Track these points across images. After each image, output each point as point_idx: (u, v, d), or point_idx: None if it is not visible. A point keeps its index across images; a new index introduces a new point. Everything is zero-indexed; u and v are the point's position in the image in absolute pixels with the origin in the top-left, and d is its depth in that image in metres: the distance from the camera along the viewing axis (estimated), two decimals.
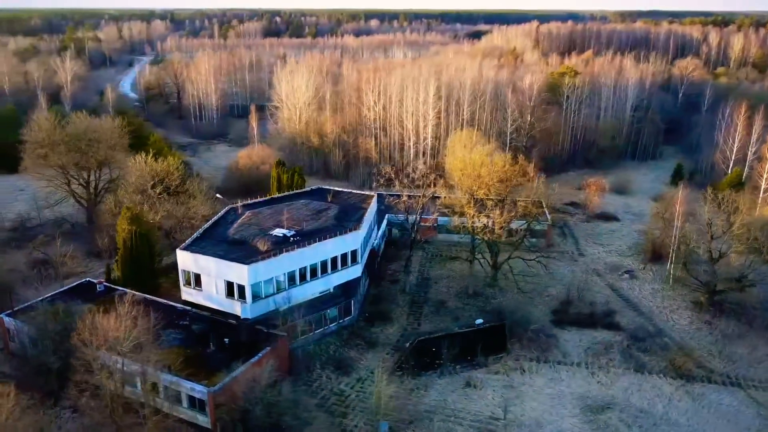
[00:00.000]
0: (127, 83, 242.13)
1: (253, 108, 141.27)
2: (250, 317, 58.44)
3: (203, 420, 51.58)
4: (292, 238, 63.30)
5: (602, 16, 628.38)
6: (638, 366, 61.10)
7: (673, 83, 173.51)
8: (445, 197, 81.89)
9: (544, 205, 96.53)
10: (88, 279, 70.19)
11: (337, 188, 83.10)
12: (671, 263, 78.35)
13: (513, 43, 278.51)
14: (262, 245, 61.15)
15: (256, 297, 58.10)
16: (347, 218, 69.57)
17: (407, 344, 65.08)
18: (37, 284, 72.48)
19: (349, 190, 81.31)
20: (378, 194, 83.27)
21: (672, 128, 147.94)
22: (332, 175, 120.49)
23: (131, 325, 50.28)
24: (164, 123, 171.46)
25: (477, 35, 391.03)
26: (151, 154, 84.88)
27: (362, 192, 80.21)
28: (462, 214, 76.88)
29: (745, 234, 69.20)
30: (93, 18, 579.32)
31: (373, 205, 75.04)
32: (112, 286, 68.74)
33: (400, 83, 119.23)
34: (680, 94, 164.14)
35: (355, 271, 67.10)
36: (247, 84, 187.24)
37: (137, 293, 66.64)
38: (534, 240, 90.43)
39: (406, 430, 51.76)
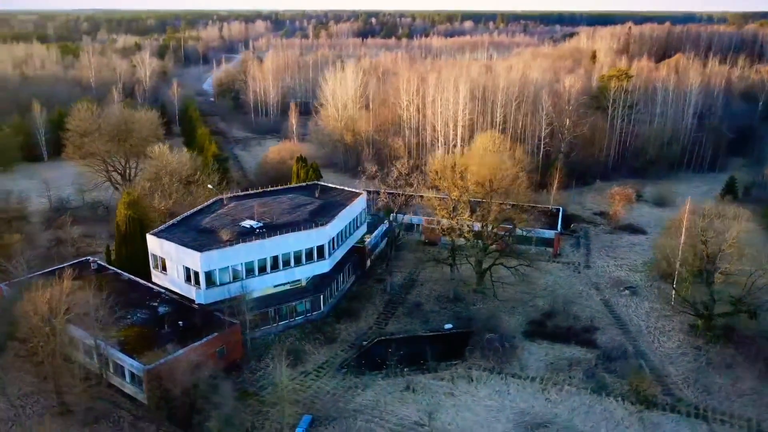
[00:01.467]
0: (211, 80, 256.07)
1: (293, 105, 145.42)
2: (203, 302, 60.85)
3: (141, 396, 54.49)
4: (258, 230, 65.12)
5: (721, 18, 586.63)
6: (598, 387, 57.45)
7: (758, 90, 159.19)
8: (424, 198, 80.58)
9: (556, 213, 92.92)
10: (89, 258, 75.76)
11: (334, 185, 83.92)
12: (675, 282, 72.73)
13: (598, 46, 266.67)
14: (225, 235, 63.47)
15: (210, 283, 60.37)
16: (322, 214, 70.45)
17: (365, 342, 65.23)
18: (53, 260, 78.92)
19: (342, 188, 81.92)
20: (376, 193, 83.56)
21: (743, 138, 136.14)
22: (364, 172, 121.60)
23: (94, 300, 54.80)
24: (229, 117, 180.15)
25: (572, 37, 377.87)
26: (167, 146, 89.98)
27: (353, 190, 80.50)
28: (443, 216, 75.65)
29: (736, 254, 63.07)
30: (203, 18, 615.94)
31: (356, 204, 75.35)
32: (105, 265, 73.96)
33: (435, 84, 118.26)
34: (760, 102, 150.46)
35: (321, 267, 67.79)
36: (310, 82, 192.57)
37: (124, 273, 71.85)
38: (541, 248, 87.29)
39: (327, 425, 51.97)
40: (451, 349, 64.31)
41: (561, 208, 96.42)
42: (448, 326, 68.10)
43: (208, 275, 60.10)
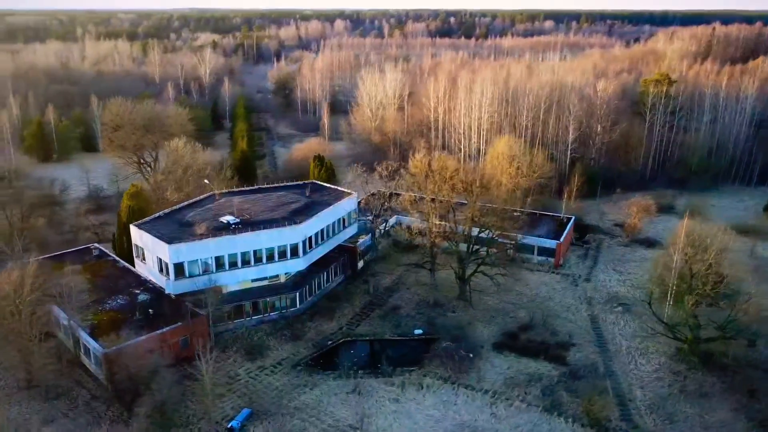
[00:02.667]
0: None
1: (326, 105, 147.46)
2: (172, 293, 63.49)
3: (102, 377, 57.74)
4: (233, 226, 67.16)
5: None
6: (552, 405, 55.20)
7: None
8: (403, 199, 79.72)
9: (566, 222, 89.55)
10: (94, 244, 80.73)
11: (328, 185, 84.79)
12: (669, 302, 68.44)
13: (674, 47, 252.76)
14: (199, 229, 65.89)
15: (179, 275, 62.91)
16: (304, 213, 71.58)
17: (329, 342, 65.80)
18: (66, 245, 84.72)
19: (335, 188, 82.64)
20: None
21: None
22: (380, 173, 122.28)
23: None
24: (280, 114, 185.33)
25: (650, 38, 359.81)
26: (182, 141, 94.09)
27: (345, 190, 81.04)
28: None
29: (712, 276, 58.55)
30: (287, 17, 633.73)
31: (343, 204, 75.84)
32: (107, 252, 78.56)
33: (462, 86, 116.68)
34: None
35: (295, 265, 68.96)
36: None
37: (121, 261, 76.07)
38: (542, 258, 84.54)
39: (263, 420, 52.99)
40: (415, 354, 63.78)
41: (573, 217, 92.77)
42: (418, 331, 67.46)
43: (177, 267, 62.67)
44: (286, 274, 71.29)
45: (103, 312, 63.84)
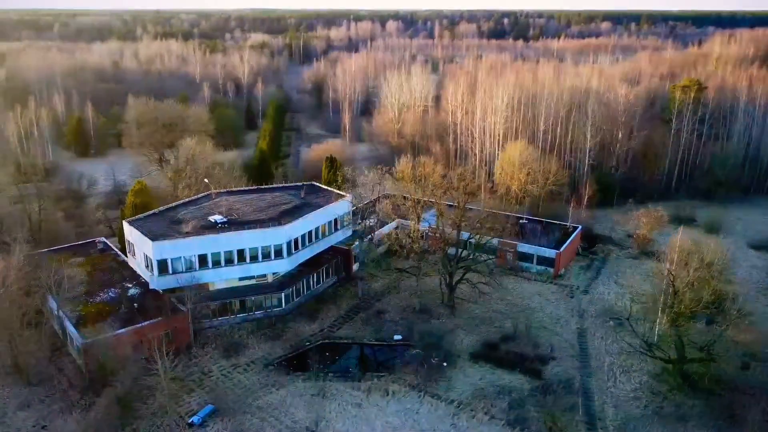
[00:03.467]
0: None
1: (347, 106, 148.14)
2: (156, 288, 65.47)
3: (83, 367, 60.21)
4: (220, 225, 68.66)
5: None
6: (516, 420, 53.89)
7: None
8: (385, 205, 79.13)
9: (571, 231, 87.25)
10: (99, 239, 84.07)
11: (326, 187, 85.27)
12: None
13: (729, 51, 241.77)
14: (186, 227, 67.68)
15: (163, 271, 64.77)
16: (293, 214, 72.42)
17: (307, 343, 66.36)
18: (82, 238, 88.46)
19: (331, 190, 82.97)
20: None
21: None
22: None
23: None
24: (312, 115, 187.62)
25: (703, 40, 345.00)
26: (195, 139, 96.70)
27: (340, 193, 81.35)
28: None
29: (695, 294, 55.75)
30: (342, 17, 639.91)
31: (335, 206, 76.15)
32: (111, 246, 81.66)
33: (479, 90, 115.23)
34: None
35: (279, 266, 69.82)
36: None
37: (121, 255, 78.92)
38: (541, 268, 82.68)
39: (225, 417, 53.97)
40: (390, 360, 63.65)
41: (580, 227, 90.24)
42: (397, 337, 67.19)
43: (161, 263, 64.51)
44: (274, 274, 72.32)
45: (92, 304, 66.47)
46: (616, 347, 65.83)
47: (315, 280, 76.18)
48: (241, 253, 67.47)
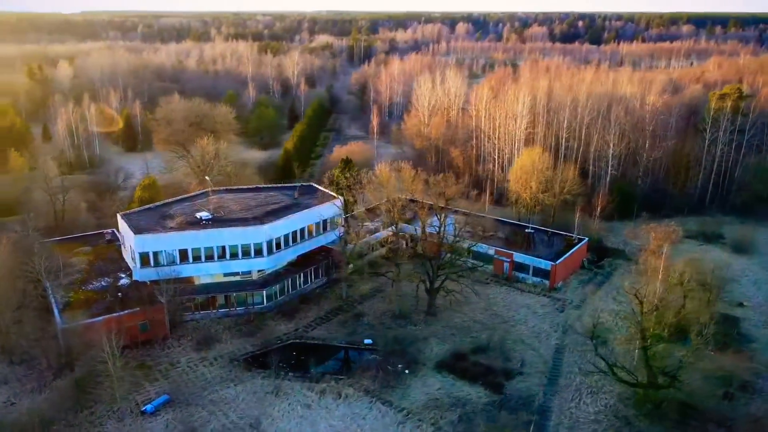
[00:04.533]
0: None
1: (375, 108, 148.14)
2: (138, 279, 68.31)
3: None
4: (204, 221, 70.81)
5: None
6: None
7: None
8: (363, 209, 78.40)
9: (576, 242, 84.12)
10: (108, 230, 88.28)
11: (321, 188, 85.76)
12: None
13: None
14: (171, 222, 70.21)
15: (145, 263, 67.51)
16: (279, 213, 73.62)
17: (278, 342, 67.26)
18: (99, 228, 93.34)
19: (326, 191, 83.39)
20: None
21: None
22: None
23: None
24: (355, 116, 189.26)
25: None
26: (209, 137, 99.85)
27: (333, 194, 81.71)
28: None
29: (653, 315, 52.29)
30: (413, 19, 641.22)
31: (320, 208, 76.62)
32: (118, 237, 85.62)
33: (502, 95, 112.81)
34: None
35: (259, 264, 71.15)
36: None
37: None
38: (537, 279, 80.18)
39: (176, 408, 55.65)
40: (354, 363, 63.64)
41: (586, 239, 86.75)
42: (367, 341, 66.96)
43: (143, 256, 67.31)
44: (259, 271, 73.74)
45: (83, 291, 70.15)
46: (591, 367, 62.81)
47: (302, 279, 77.01)
48: (221, 249, 69.25)
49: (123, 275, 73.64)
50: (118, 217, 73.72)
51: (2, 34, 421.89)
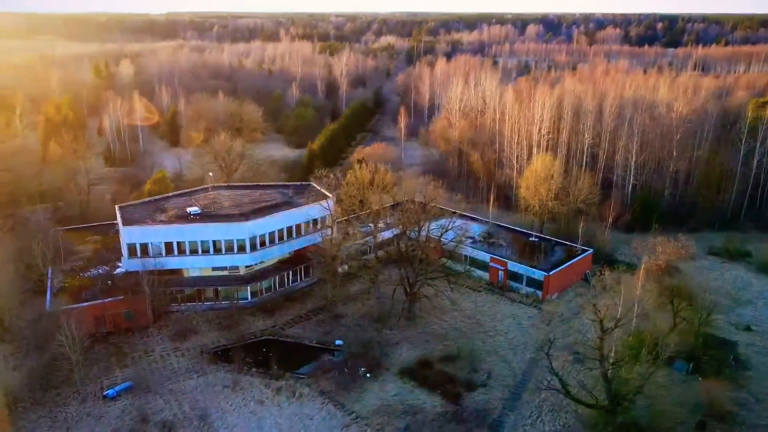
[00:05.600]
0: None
1: (402, 110, 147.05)
2: (126, 270, 71.18)
3: None
4: (192, 216, 72.96)
5: None
6: None
7: None
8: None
9: (578, 253, 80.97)
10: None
11: (320, 188, 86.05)
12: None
13: None
14: (162, 215, 72.72)
15: (132, 254, 70.31)
16: (264, 211, 74.75)
17: (252, 337, 68.30)
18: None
19: (323, 191, 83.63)
20: None
21: None
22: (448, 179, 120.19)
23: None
24: (394, 117, 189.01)
25: None
26: (227, 134, 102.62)
27: (327, 194, 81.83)
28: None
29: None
30: (482, 21, 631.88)
31: (309, 208, 77.01)
32: None
33: (524, 99, 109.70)
34: None
35: (242, 260, 72.45)
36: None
37: None
38: (530, 289, 77.65)
39: (137, 394, 57.61)
40: (320, 364, 63.78)
41: (591, 250, 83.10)
42: (338, 342, 66.90)
43: (130, 247, 70.13)
44: (247, 266, 75.17)
45: (79, 277, 73.88)
46: (548, 383, 60.14)
47: (290, 277, 77.83)
48: (204, 244, 71.09)
49: (120, 264, 76.95)
50: (117, 208, 77.03)
51: (90, 34, 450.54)
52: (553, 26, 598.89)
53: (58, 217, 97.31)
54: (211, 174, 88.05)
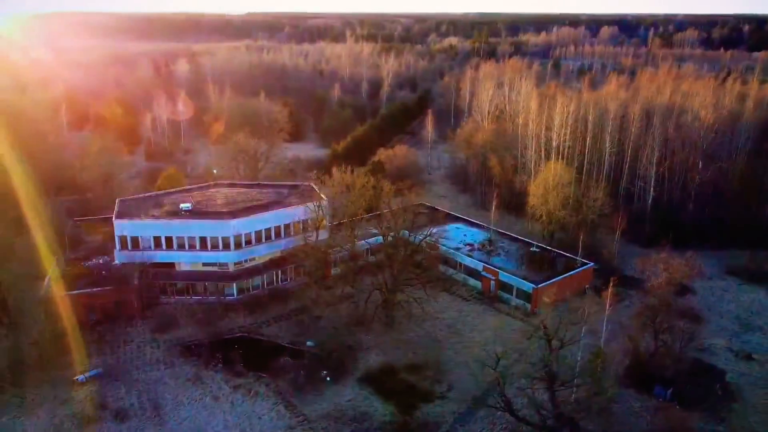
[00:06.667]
0: None
1: (429, 112, 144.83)
2: (117, 261, 74.09)
3: None
4: (183, 212, 75.08)
5: None
6: None
7: None
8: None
9: (577, 266, 77.93)
10: None
11: (317, 188, 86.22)
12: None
13: None
14: (154, 210, 75.22)
15: (122, 247, 73.15)
16: (253, 210, 75.89)
17: (228, 333, 69.44)
18: None
19: (319, 193, 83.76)
20: None
21: None
22: (468, 184, 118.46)
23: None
24: (437, 120, 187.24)
25: None
26: (243, 133, 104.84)
27: (323, 197, 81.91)
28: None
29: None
30: (558, 22, 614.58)
31: (296, 209, 77.41)
32: None
33: (546, 104, 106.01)
34: None
35: (225, 257, 73.81)
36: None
37: None
38: (520, 301, 75.18)
39: (104, 381, 59.87)
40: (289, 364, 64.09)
41: (591, 264, 79.41)
42: (309, 343, 66.99)
43: (121, 239, 72.99)
44: (236, 263, 76.55)
45: (80, 266, 77.53)
46: (522, 401, 57.72)
47: (278, 276, 78.58)
48: (191, 240, 72.99)
49: None
50: (117, 201, 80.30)
51: (168, 33, 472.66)
52: (630, 28, 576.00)
53: (83, 208, 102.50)
54: (215, 171, 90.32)
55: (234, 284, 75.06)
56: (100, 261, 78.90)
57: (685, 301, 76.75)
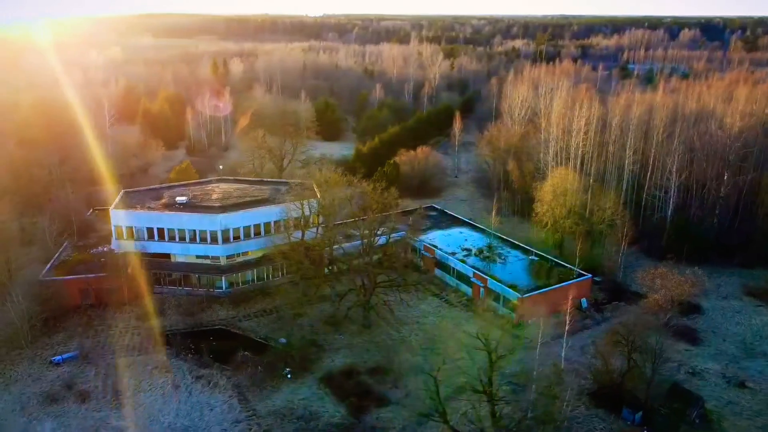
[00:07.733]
0: None
1: (457, 114, 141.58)
2: (114, 249, 77.06)
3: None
4: (178, 205, 77.23)
5: None
6: None
7: None
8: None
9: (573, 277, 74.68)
10: None
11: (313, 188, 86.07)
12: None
13: None
14: (150, 202, 77.76)
15: (119, 236, 76.05)
16: (247, 206, 77.04)
17: (207, 325, 70.80)
18: None
19: (316, 191, 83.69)
20: None
21: None
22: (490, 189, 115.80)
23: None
24: (479, 122, 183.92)
25: None
26: (262, 134, 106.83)
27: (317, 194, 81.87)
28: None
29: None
30: (637, 25, 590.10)
31: (286, 206, 77.66)
32: None
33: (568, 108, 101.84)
34: None
35: (213, 250, 75.21)
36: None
37: None
38: (506, 311, 72.72)
39: (77, 363, 62.41)
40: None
41: (589, 276, 75.63)
42: (282, 340, 67.26)
43: (117, 228, 75.91)
44: (228, 257, 78.02)
45: (84, 253, 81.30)
46: (471, 416, 55.61)
47: (269, 272, 79.39)
48: (181, 233, 74.93)
49: None
50: (120, 192, 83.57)
51: (244, 35, 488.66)
52: (716, 31, 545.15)
53: (111, 199, 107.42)
54: (221, 167, 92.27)
55: (224, 278, 76.40)
56: (104, 249, 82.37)
57: (688, 321, 71.69)
